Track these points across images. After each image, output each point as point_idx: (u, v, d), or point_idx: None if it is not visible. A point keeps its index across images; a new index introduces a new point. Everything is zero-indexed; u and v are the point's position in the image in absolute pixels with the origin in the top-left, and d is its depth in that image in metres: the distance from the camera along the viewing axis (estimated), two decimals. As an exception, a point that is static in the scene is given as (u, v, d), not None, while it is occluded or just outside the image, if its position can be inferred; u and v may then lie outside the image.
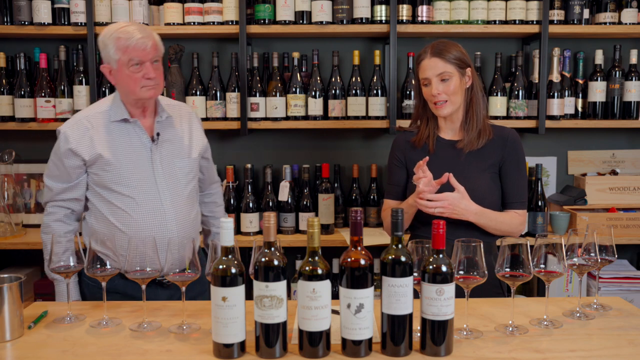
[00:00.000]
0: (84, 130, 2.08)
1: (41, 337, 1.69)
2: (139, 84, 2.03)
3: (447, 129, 2.21)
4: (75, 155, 2.07)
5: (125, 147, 2.09)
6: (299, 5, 2.99)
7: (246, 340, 1.54)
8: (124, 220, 2.08)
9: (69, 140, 2.07)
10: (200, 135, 2.28)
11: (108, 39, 2.03)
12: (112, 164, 2.06)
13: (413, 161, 2.19)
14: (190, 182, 2.20)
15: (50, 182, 2.13)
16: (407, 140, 2.24)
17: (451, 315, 1.53)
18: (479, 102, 2.16)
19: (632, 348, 1.59)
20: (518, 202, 2.16)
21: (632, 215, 3.01)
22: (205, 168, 2.34)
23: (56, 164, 2.11)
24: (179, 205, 2.14)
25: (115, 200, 2.08)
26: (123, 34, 2.00)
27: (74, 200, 2.14)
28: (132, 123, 2.11)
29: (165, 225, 2.10)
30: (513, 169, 2.15)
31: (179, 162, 2.16)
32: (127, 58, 2.01)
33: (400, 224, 1.52)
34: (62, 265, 1.80)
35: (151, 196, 2.09)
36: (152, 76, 2.03)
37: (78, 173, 2.10)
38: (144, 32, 2.03)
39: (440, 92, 2.08)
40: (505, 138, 2.16)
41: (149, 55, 2.03)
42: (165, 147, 2.15)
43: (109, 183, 2.07)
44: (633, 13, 3.06)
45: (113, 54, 2.02)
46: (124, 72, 2.03)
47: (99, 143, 2.07)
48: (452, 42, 2.14)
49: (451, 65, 2.08)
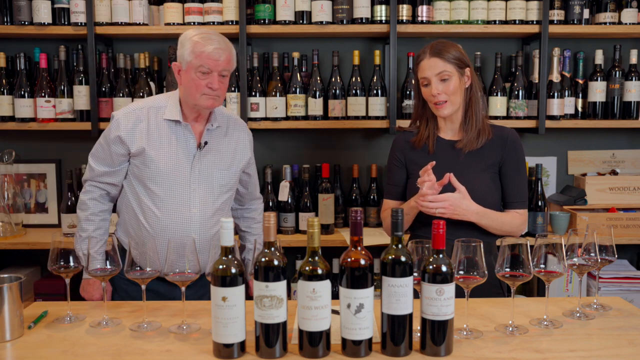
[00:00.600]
0: (136, 121, 2.12)
1: (41, 337, 1.69)
2: (201, 91, 2.05)
3: (446, 129, 2.21)
4: (122, 143, 2.11)
5: (171, 147, 2.12)
6: (299, 5, 2.99)
7: (246, 340, 1.54)
8: (150, 219, 2.12)
9: (120, 127, 2.11)
10: (247, 150, 2.29)
11: (187, 40, 2.06)
12: (153, 160, 2.10)
13: (413, 161, 2.19)
14: (224, 194, 2.21)
15: (94, 163, 2.17)
16: (407, 141, 2.24)
17: (451, 315, 1.53)
18: (478, 102, 2.16)
19: (632, 348, 1.59)
20: (519, 201, 2.16)
21: (632, 215, 3.01)
22: (246, 182, 2.35)
23: (103, 146, 2.15)
24: (207, 215, 2.15)
25: (145, 197, 2.12)
26: (203, 39, 2.03)
27: (112, 185, 2.19)
28: (184, 126, 2.14)
29: (186, 231, 2.11)
30: (513, 169, 2.15)
31: (217, 173, 2.18)
32: (198, 63, 2.03)
33: (400, 224, 1.52)
34: (62, 266, 1.80)
35: (181, 201, 2.12)
36: (216, 87, 2.06)
37: (121, 160, 2.14)
38: (223, 43, 2.06)
39: (440, 92, 2.08)
40: (504, 138, 2.16)
41: (220, 66, 2.05)
42: (209, 156, 2.17)
43: (145, 178, 2.11)
44: (633, 13, 3.06)
45: (187, 55, 2.05)
46: (191, 75, 2.06)
47: (148, 137, 2.11)
48: (451, 42, 2.14)
49: (450, 65, 2.08)
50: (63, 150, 3.29)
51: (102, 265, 1.82)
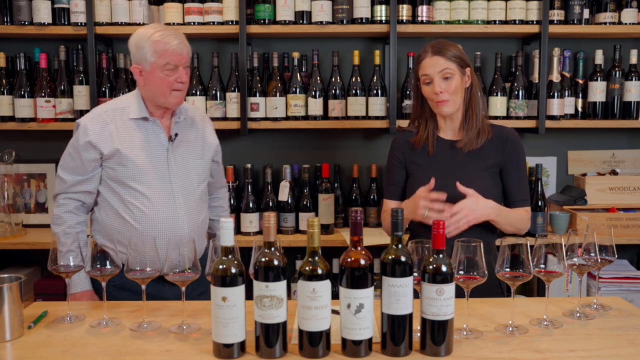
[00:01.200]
0: (103, 124, 2.12)
1: (41, 337, 1.69)
2: (171, 87, 2.10)
3: (446, 128, 2.21)
4: (93, 148, 2.10)
5: (143, 144, 2.14)
6: (299, 5, 2.99)
7: (246, 340, 1.54)
8: (136, 216, 2.11)
9: (88, 133, 2.10)
10: (212, 138, 2.35)
11: (145, 41, 2.08)
12: (130, 159, 2.10)
13: (412, 161, 2.19)
14: (202, 183, 2.27)
15: (64, 174, 2.16)
16: (406, 141, 2.24)
17: (451, 315, 1.53)
18: (478, 102, 2.17)
19: (632, 348, 1.59)
20: (522, 199, 2.18)
21: (632, 215, 3.01)
22: (215, 171, 2.39)
23: (72, 155, 2.14)
24: (191, 204, 2.19)
25: (129, 196, 2.11)
26: (162, 37, 2.07)
27: (86, 193, 2.17)
28: (152, 122, 2.16)
29: (177, 223, 2.14)
30: (515, 168, 2.16)
31: (193, 163, 2.22)
32: (164, 61, 2.07)
33: (400, 224, 1.52)
34: (62, 265, 1.80)
35: (165, 194, 2.14)
36: (185, 80, 2.12)
37: (94, 166, 2.13)
38: (181, 37, 2.12)
39: (443, 91, 2.09)
40: (505, 137, 2.17)
41: (184, 59, 2.11)
42: (181, 147, 2.21)
43: (124, 178, 2.11)
44: (633, 13, 3.06)
45: (150, 56, 2.07)
46: (157, 74, 2.09)
47: (118, 138, 2.11)
48: (451, 42, 2.15)
49: (452, 63, 2.09)
50: (63, 150, 3.25)
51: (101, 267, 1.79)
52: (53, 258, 1.79)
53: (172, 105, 2.15)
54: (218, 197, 2.47)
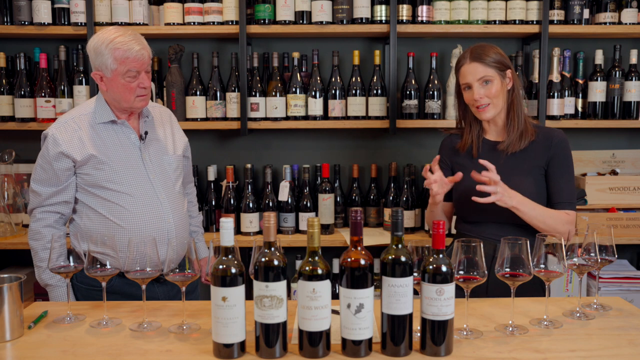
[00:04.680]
0: (72, 132, 2.09)
1: (41, 337, 1.69)
2: (134, 93, 2.09)
3: (491, 131, 2.23)
4: (66, 157, 2.07)
5: (115, 146, 2.13)
6: (299, 5, 2.99)
7: (246, 340, 1.54)
8: (122, 215, 2.10)
9: (58, 143, 2.07)
10: (181, 134, 2.37)
11: (105, 48, 2.03)
12: (105, 162, 2.09)
13: (458, 164, 2.23)
14: (179, 177, 2.29)
15: (38, 187, 2.11)
16: (452, 146, 2.28)
17: (451, 315, 1.53)
18: (520, 103, 2.17)
19: (632, 348, 1.59)
20: (565, 202, 2.13)
21: (632, 215, 3.01)
22: (185, 166, 2.39)
23: (44, 167, 2.10)
24: (173, 198, 2.20)
25: (111, 198, 2.10)
26: (121, 44, 2.03)
27: (63, 203, 2.13)
28: (120, 124, 2.15)
29: (164, 218, 2.14)
30: (558, 170, 2.14)
31: (166, 158, 2.24)
32: (125, 69, 2.04)
33: (400, 224, 1.52)
34: (62, 266, 1.80)
35: (146, 191, 2.14)
36: (147, 85, 2.11)
37: (67, 175, 2.10)
38: (140, 42, 2.08)
39: (482, 96, 2.10)
40: (550, 139, 2.15)
41: (145, 64, 2.09)
42: (153, 145, 2.21)
43: (102, 182, 2.09)
44: (633, 13, 3.06)
45: (110, 63, 2.04)
46: (119, 81, 2.06)
47: (89, 143, 2.09)
48: (490, 45, 2.15)
49: (491, 69, 2.09)
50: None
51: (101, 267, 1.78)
52: (53, 258, 1.79)
53: (138, 108, 2.14)
54: (187, 193, 2.46)
